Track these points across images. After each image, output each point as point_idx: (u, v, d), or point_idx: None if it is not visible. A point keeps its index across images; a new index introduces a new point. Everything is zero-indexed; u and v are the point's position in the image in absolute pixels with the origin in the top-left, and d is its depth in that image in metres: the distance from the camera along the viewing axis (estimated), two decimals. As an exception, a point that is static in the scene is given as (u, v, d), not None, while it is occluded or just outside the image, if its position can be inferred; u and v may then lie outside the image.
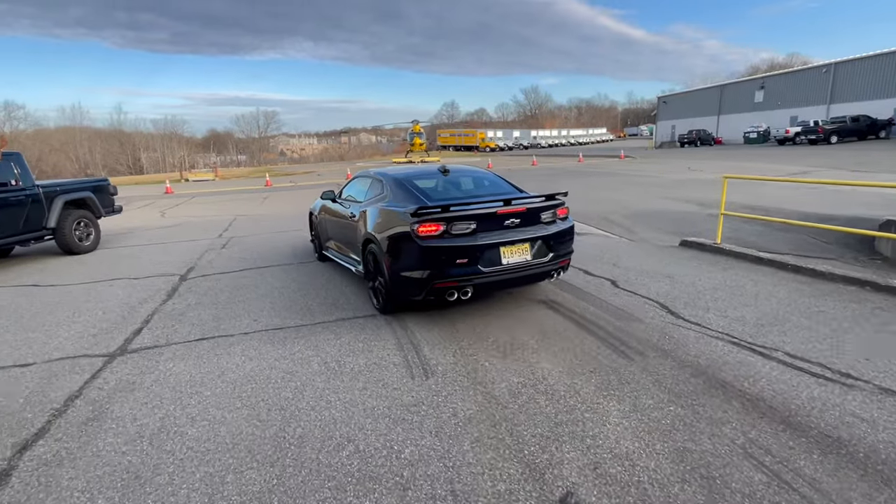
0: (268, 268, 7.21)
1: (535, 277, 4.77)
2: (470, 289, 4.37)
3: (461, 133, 76.25)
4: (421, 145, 41.18)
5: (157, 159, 66.01)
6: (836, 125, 36.02)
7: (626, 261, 6.70)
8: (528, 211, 4.59)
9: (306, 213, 13.53)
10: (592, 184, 17.71)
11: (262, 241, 9.51)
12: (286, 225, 11.42)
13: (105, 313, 5.39)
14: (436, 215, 4.32)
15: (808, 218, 8.68)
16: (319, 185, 23.43)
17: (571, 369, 3.57)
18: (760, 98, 50.82)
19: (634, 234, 9.00)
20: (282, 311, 5.18)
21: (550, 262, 4.70)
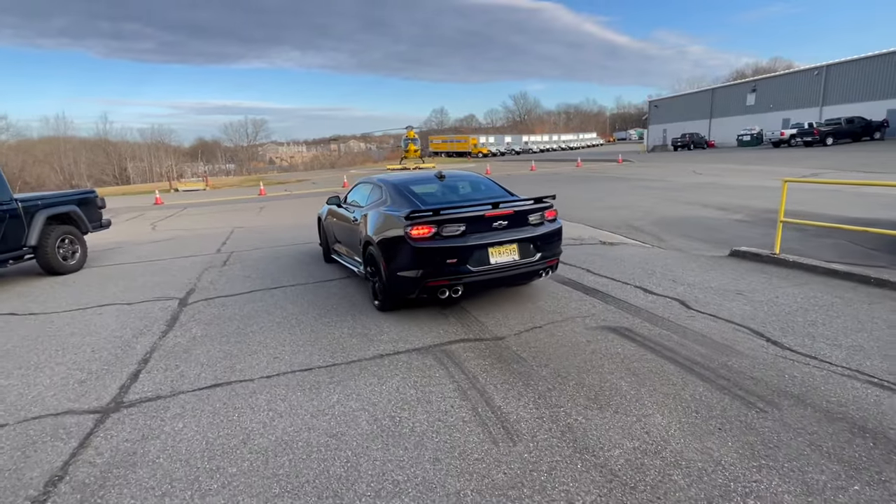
0: (279, 289, 6.41)
1: (524, 277, 5.00)
2: (461, 287, 4.63)
3: (453, 139, 75.75)
4: (416, 152, 40.48)
5: (144, 169, 64.60)
6: (832, 127, 35.95)
7: (683, 275, 6.01)
8: (516, 213, 4.81)
9: (309, 225, 12.76)
10: (603, 189, 17.10)
11: (267, 256, 8.69)
12: (290, 237, 10.60)
13: (94, 351, 4.56)
14: (427, 218, 4.55)
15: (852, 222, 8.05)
16: (316, 194, 22.59)
17: (693, 426, 2.84)
18: (752, 101, 50.92)
19: (665, 242, 8.36)
20: (306, 346, 4.39)
21: (538, 262, 4.92)
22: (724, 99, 54.52)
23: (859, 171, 17.08)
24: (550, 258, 5.07)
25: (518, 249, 4.79)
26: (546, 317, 4.78)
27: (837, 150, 30.46)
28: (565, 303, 5.18)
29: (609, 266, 6.63)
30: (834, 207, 10.53)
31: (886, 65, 39.02)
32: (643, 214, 11.32)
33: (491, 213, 4.72)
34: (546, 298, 5.37)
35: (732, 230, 9.11)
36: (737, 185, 16.04)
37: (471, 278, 4.60)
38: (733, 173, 20.06)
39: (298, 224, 12.81)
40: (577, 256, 7.31)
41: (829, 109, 42.70)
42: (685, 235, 8.85)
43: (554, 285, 5.86)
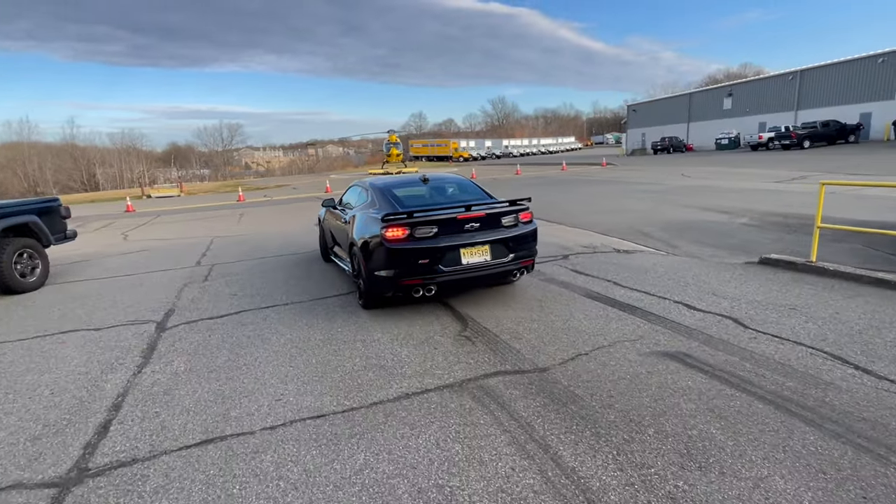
0: (271, 308, 5.67)
1: (498, 277, 5.14)
2: (434, 286, 4.82)
3: (434, 143, 75.21)
4: (398, 156, 39.68)
5: (114, 175, 62.31)
6: (808, 130, 36.54)
7: (721, 287, 5.48)
8: (488, 216, 4.96)
9: (295, 233, 11.97)
10: (597, 193, 16.69)
11: (253, 268, 7.91)
12: (276, 246, 9.80)
13: (54, 393, 3.77)
14: (402, 220, 4.71)
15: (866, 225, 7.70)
16: (297, 200, 21.71)
17: (828, 493, 2.25)
18: (729, 105, 51.73)
19: (678, 248, 7.90)
20: (312, 382, 3.68)
21: (511, 263, 5.05)
22: (702, 103, 55.29)
23: (845, 174, 17.04)
24: (525, 259, 5.18)
25: (490, 250, 4.92)
26: (588, 340, 4.18)
27: (815, 153, 30.87)
28: (603, 323, 4.58)
29: (636, 278, 6.08)
30: (838, 210, 10.24)
31: (858, 70, 39.97)
32: (646, 219, 10.87)
33: (463, 216, 4.84)
34: (580, 317, 4.77)
35: (742, 235, 8.70)
36: (729, 187, 15.80)
37: (443, 278, 4.76)
38: (722, 176, 19.91)
39: (284, 232, 11.99)
40: (598, 267, 6.74)
41: (803, 113, 43.55)
42: (696, 241, 8.40)
43: (583, 301, 5.27)
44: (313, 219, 14.17)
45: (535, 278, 6.29)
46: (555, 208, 13.26)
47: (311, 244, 9.98)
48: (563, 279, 6.19)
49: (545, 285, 5.95)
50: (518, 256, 5.10)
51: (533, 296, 5.54)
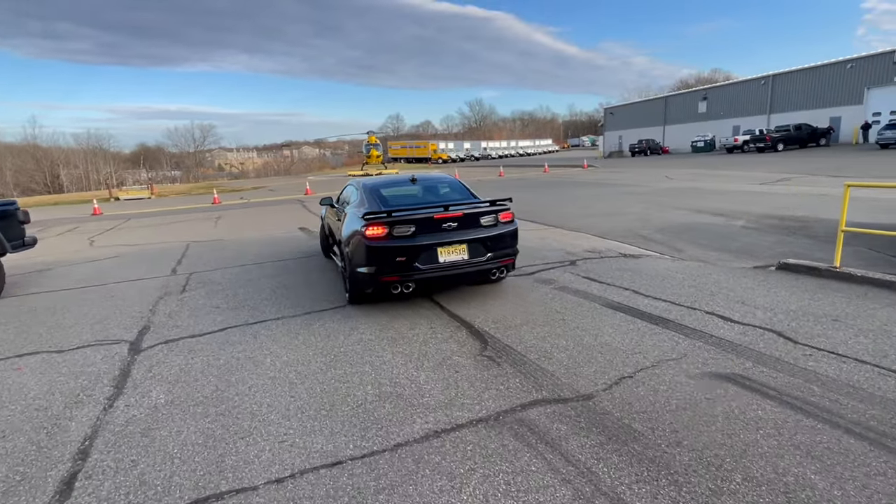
0: (261, 324, 5.08)
1: (475, 275, 5.21)
2: (412, 284, 4.94)
3: (413, 145, 74.57)
4: (378, 157, 38.95)
5: (79, 176, 59.82)
6: (782, 133, 37.30)
7: (748, 296, 5.13)
8: (466, 215, 5.06)
9: (277, 236, 11.30)
10: (586, 195, 16.43)
11: (236, 277, 7.26)
12: (258, 252, 9.15)
13: (5, 437, 3.13)
14: (381, 219, 4.84)
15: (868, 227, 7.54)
16: (275, 202, 20.91)
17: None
18: (704, 109, 52.62)
19: (683, 252, 7.62)
20: (320, 418, 3.14)
21: (489, 262, 5.15)
22: (677, 106, 56.13)
23: (826, 175, 17.20)
24: (503, 258, 5.27)
25: (467, 249, 5.02)
26: (627, 360, 3.74)
27: (789, 156, 31.46)
28: (637, 338, 4.16)
29: (655, 285, 5.70)
30: (834, 212, 10.13)
31: (828, 75, 41.06)
32: (642, 222, 10.60)
33: (440, 216, 4.95)
34: (609, 332, 4.33)
35: (743, 238, 8.47)
36: (715, 189, 15.74)
37: (420, 275, 4.88)
38: (704, 178, 19.94)
39: (266, 236, 11.30)
40: (610, 273, 6.35)
41: (776, 117, 44.52)
42: (698, 244, 8.13)
43: (607, 312, 4.84)
44: (296, 221, 13.51)
45: (548, 287, 5.85)
46: (548, 211, 12.90)
47: (296, 249, 9.34)
48: (579, 287, 5.76)
49: (561, 295, 5.51)
50: (496, 255, 5.17)
51: (551, 307, 5.09)
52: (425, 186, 6.30)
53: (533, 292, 5.67)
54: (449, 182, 6.43)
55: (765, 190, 14.86)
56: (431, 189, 6.27)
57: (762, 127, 43.44)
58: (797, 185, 15.59)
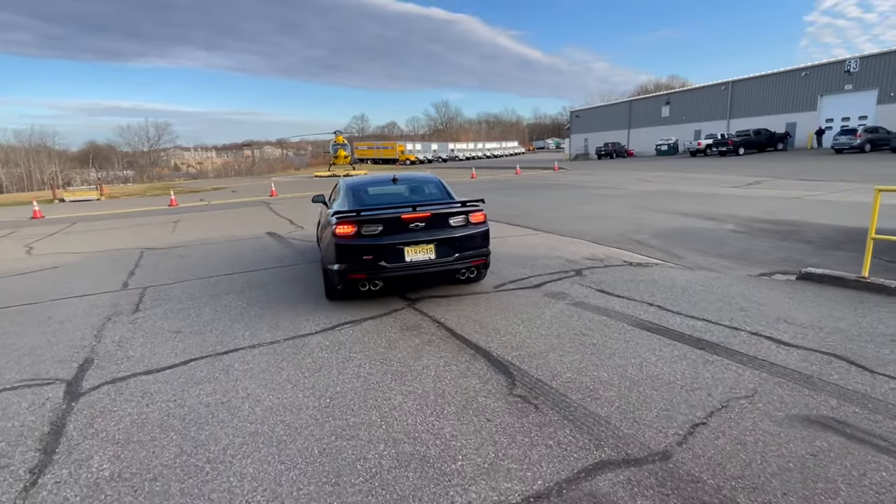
0: (234, 353, 4.22)
1: (442, 274, 5.32)
2: (379, 282, 5.10)
3: (380, 146, 73.31)
4: (346, 158, 37.73)
5: (20, 175, 55.82)
6: (742, 138, 38.32)
7: (784, 311, 4.64)
8: (434, 216, 5.11)
9: (244, 243, 10.31)
10: (568, 198, 16.02)
11: (199, 292, 6.32)
12: (224, 260, 8.17)
13: None
14: (350, 218, 4.94)
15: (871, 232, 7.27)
16: (240, 204, 19.65)
17: None
18: (667, 113, 53.77)
19: (683, 258, 7.23)
20: (326, 496, 2.37)
21: (456, 262, 5.19)
22: (641, 110, 57.19)
23: (795, 178, 17.41)
24: (473, 259, 5.30)
25: (435, 249, 5.06)
26: (690, 398, 3.12)
27: (751, 160, 32.23)
28: (688, 368, 3.56)
29: (678, 299, 5.15)
30: (819, 216, 10.00)
31: (784, 82, 42.53)
32: (633, 226, 10.18)
33: (407, 216, 5.00)
34: (652, 359, 3.72)
35: (738, 243, 8.14)
36: (693, 192, 15.63)
37: (387, 274, 4.99)
38: (678, 181, 19.95)
39: (231, 242, 10.26)
40: (624, 285, 5.78)
41: (735, 122, 45.82)
42: (696, 250, 7.74)
43: (640, 334, 4.23)
44: (263, 225, 12.47)
45: (562, 302, 5.21)
46: (533, 215, 12.36)
47: (268, 257, 8.42)
48: (597, 303, 5.15)
49: (579, 312, 4.89)
50: (465, 256, 5.21)
51: (574, 328, 4.46)
52: (406, 186, 6.39)
53: (547, 309, 5.02)
54: (431, 182, 6.42)
55: (740, 193, 14.82)
56: (411, 189, 6.35)
57: (722, 131, 44.56)
58: (769, 188, 15.65)
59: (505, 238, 9.40)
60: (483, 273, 5.87)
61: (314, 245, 9.59)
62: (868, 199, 11.74)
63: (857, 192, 13.10)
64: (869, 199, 11.82)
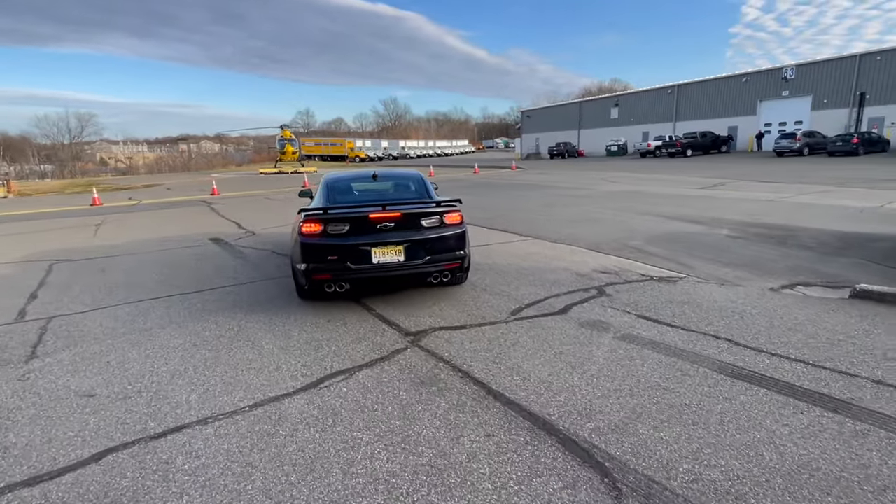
0: (179, 434, 2.85)
1: (411, 277, 5.00)
2: (345, 283, 4.86)
3: (328, 142, 70.55)
4: (294, 154, 35.38)
5: (-90, 169, 49.12)
6: (690, 140, 39.38)
7: (882, 345, 3.80)
8: (405, 216, 4.86)
9: (186, 250, 8.65)
10: (541, 199, 15.17)
11: (126, 325, 4.78)
12: (161, 275, 6.56)
13: None
14: (317, 216, 4.79)
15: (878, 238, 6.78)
16: (177, 204, 17.49)
17: None
18: (616, 115, 54.81)
19: (694, 269, 6.55)
20: None
21: (428, 265, 4.91)
22: (591, 111, 58.02)
23: (754, 180, 17.49)
24: (447, 262, 5.03)
25: (404, 251, 4.82)
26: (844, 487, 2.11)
27: (699, 161, 33.02)
28: (840, 445, 2.57)
29: (744, 330, 4.23)
30: (807, 220, 9.63)
31: (726, 87, 44.19)
32: (622, 230, 9.41)
33: (375, 215, 4.78)
34: (782, 431, 2.71)
35: (740, 249, 7.55)
36: (663, 193, 15.26)
37: (353, 275, 4.76)
38: (642, 181, 19.72)
39: (166, 250, 8.54)
40: (665, 309, 4.82)
41: (681, 124, 47.20)
42: (702, 258, 7.06)
43: (736, 386, 3.23)
44: (204, 229, 10.70)
45: (606, 335, 4.16)
46: (510, 218, 11.37)
47: (215, 271, 6.88)
48: (649, 335, 4.14)
49: (636, 350, 3.85)
50: (437, 259, 4.95)
51: (642, 374, 3.40)
52: (385, 184, 6.20)
53: (594, 347, 3.95)
54: (412, 179, 6.17)
55: (709, 194, 14.58)
56: (391, 187, 6.18)
57: (668, 133, 45.81)
58: (734, 190, 15.55)
59: (491, 245, 8.32)
60: (461, 277, 5.46)
61: (270, 254, 8.11)
62: (840, 202, 11.60)
63: (825, 195, 13.09)
64: (841, 202, 11.71)
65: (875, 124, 33.89)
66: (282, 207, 15.26)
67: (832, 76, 36.54)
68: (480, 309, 5.00)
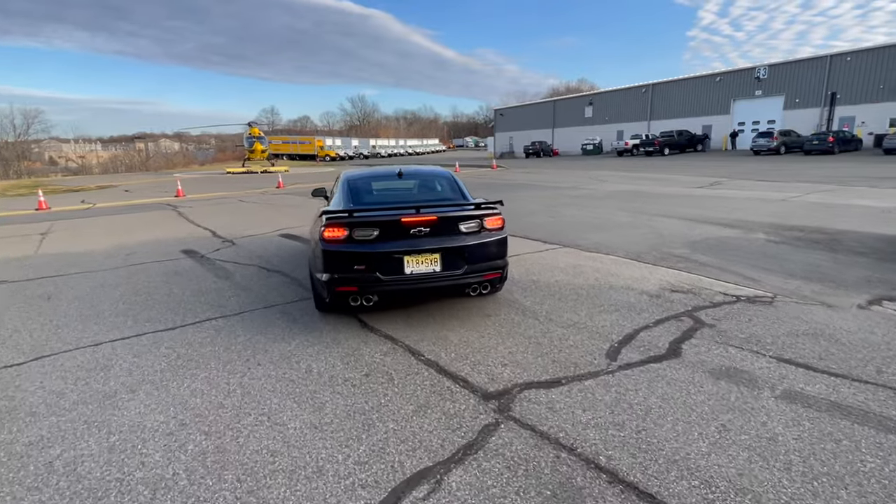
0: None
1: (448, 290, 4.50)
2: (373, 296, 4.31)
3: (296, 140, 68.05)
4: (263, 152, 33.33)
5: None
6: (667, 139, 39.35)
7: None
8: (441, 220, 4.36)
9: (148, 268, 7.17)
10: (541, 200, 14.15)
11: (82, 383, 3.40)
12: (122, 301, 5.13)
13: None
14: (341, 220, 4.26)
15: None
16: (136, 208, 15.64)
17: None
18: (590, 113, 54.69)
19: (760, 282, 5.74)
20: None
21: (465, 276, 4.40)
22: (565, 110, 57.79)
23: (750, 180, 17.03)
24: (487, 272, 4.48)
25: (441, 259, 4.30)
26: None
27: (677, 159, 32.91)
28: None
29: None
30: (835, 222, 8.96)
31: (700, 86, 44.50)
32: (653, 235, 8.51)
33: (409, 219, 4.24)
34: None
35: (794, 257, 6.80)
36: (667, 193, 14.56)
37: (382, 287, 4.24)
38: (635, 181, 19.11)
39: (128, 265, 7.01)
40: (784, 343, 3.78)
41: (655, 123, 47.36)
42: (761, 268, 6.26)
43: None
44: (174, 237, 9.08)
45: (763, 393, 3.06)
46: (522, 222, 10.26)
47: (191, 299, 5.47)
48: (815, 391, 3.06)
49: (818, 417, 2.76)
50: (476, 269, 4.44)
51: (873, 471, 2.32)
52: (412, 182, 5.67)
53: (760, 415, 2.83)
54: (442, 178, 5.58)
55: (715, 194, 14.01)
56: (419, 186, 5.63)
57: (643, 132, 45.81)
58: (735, 189, 15.06)
59: (521, 256, 7.19)
60: (498, 288, 4.88)
61: (258, 271, 6.74)
62: (855, 201, 11.02)
63: (833, 194, 12.65)
64: (856, 201, 11.12)
65: (846, 123, 34.51)
66: (260, 211, 13.72)
67: (804, 76, 37.08)
68: (562, 350, 3.84)
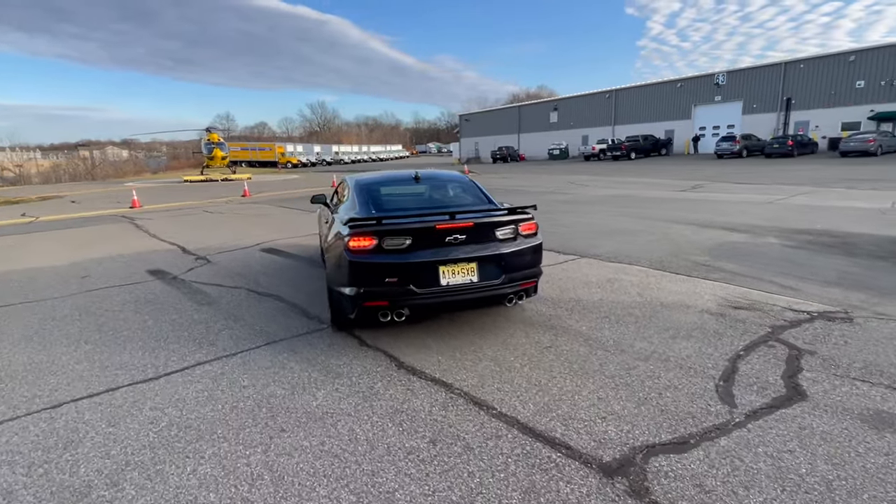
0: None
1: (486, 301, 4.21)
2: (405, 310, 4.00)
3: (255, 147, 65.62)
4: (223, 159, 31.55)
5: None
6: (633, 143, 39.93)
7: None
8: (477, 226, 4.11)
9: (110, 298, 6.06)
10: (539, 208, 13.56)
11: (38, 478, 2.45)
12: (87, 344, 4.09)
13: None
14: (369, 228, 3.93)
15: None
16: (85, 221, 14.09)
17: None
18: (555, 119, 55.13)
19: (800, 291, 5.32)
20: None
21: (503, 285, 4.16)
22: (531, 116, 58.08)
23: (731, 182, 17.11)
24: (524, 280, 4.28)
25: (477, 269, 4.04)
26: None
27: (644, 163, 33.34)
28: None
29: None
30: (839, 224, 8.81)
31: (662, 92, 45.49)
32: (666, 242, 8.08)
33: (444, 225, 3.96)
34: None
35: (818, 262, 6.57)
36: (656, 197, 14.33)
37: (415, 301, 3.91)
38: (615, 185, 18.95)
39: (84, 291, 5.87)
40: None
41: (619, 128, 48.11)
42: (793, 276, 5.86)
43: None
44: (136, 257, 7.89)
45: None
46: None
47: (169, 334, 4.48)
48: None
49: None
50: (514, 278, 4.17)
51: None
52: (431, 187, 5.45)
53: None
54: (461, 183, 5.41)
55: (703, 197, 13.92)
56: (438, 190, 5.41)
57: (607, 136, 46.45)
58: (717, 192, 15.06)
59: (546, 268, 6.50)
60: (531, 296, 4.68)
61: (248, 294, 5.76)
62: (844, 202, 10.98)
63: (816, 196, 12.78)
64: (845, 203, 11.09)
65: (801, 128, 35.87)
66: (229, 223, 12.52)
67: (760, 82, 38.37)
68: (662, 394, 3.14)
